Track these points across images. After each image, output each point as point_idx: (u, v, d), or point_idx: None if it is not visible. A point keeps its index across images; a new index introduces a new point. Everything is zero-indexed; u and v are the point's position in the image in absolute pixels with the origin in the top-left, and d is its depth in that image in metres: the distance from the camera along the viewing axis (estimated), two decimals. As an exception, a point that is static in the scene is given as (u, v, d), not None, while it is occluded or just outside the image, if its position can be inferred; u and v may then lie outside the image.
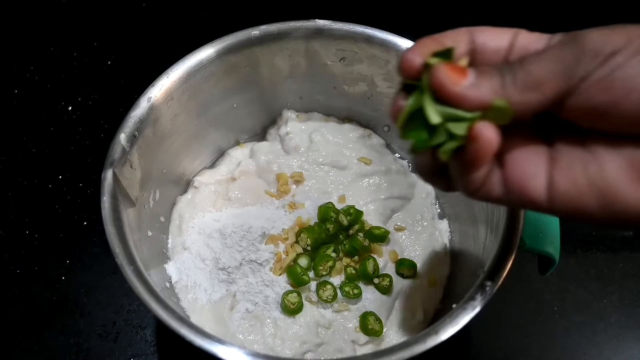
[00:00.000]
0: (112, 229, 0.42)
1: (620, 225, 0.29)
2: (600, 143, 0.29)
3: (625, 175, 0.28)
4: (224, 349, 0.37)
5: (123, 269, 0.40)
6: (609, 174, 0.28)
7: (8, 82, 0.73)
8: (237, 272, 0.52)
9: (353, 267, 0.52)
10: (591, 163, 0.28)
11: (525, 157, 0.30)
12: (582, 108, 0.28)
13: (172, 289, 0.51)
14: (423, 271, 0.53)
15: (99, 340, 0.55)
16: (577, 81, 0.27)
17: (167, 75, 0.49)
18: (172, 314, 0.38)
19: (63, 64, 0.75)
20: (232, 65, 0.53)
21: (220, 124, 0.58)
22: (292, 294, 0.50)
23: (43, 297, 0.57)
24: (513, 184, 0.30)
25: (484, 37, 0.31)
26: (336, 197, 0.56)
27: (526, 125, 0.30)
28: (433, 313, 0.52)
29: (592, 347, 0.55)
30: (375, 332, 0.49)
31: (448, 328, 0.38)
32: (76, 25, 0.79)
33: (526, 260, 0.46)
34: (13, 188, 0.64)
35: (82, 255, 0.60)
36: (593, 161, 0.28)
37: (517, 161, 0.30)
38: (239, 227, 0.53)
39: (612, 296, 0.58)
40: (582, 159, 0.29)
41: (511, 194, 0.30)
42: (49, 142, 0.67)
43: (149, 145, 0.49)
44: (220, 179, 0.58)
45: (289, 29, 0.52)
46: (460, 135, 0.28)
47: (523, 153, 0.30)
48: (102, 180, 0.44)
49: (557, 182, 0.29)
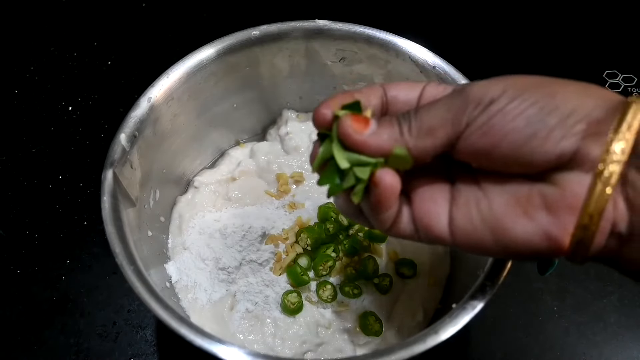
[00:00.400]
0: (112, 229, 0.42)
1: (515, 257, 0.32)
2: (490, 181, 0.32)
3: (510, 210, 0.30)
4: (224, 349, 0.37)
5: (123, 269, 0.40)
6: (497, 211, 0.31)
7: (8, 82, 0.73)
8: (237, 272, 0.52)
9: (353, 267, 0.52)
10: (482, 201, 0.31)
11: (429, 196, 0.33)
12: (469, 150, 0.30)
13: (172, 289, 0.51)
14: (423, 271, 0.53)
15: (99, 340, 0.55)
16: (463, 127, 0.30)
17: (167, 75, 0.49)
18: (172, 314, 0.38)
19: (63, 64, 0.75)
20: (232, 65, 0.53)
21: (220, 124, 0.58)
22: (292, 294, 0.50)
23: (43, 297, 0.57)
24: (419, 222, 0.33)
25: (395, 91, 0.35)
26: (336, 197, 0.56)
27: (432, 167, 0.33)
28: (433, 313, 0.52)
29: (591, 347, 0.55)
30: (375, 332, 0.49)
31: (448, 328, 0.38)
32: (76, 25, 0.79)
33: (526, 260, 0.46)
34: (13, 188, 0.64)
35: (82, 255, 0.60)
36: (484, 199, 0.31)
37: (422, 200, 0.33)
38: (239, 227, 0.53)
39: (612, 296, 0.58)
40: (476, 196, 0.32)
41: (419, 231, 0.33)
42: (49, 142, 0.67)
43: (149, 145, 0.49)
44: (220, 179, 0.58)
45: (289, 29, 0.52)
46: (364, 179, 0.31)
47: (428, 193, 0.33)
48: (102, 180, 0.44)
49: (456, 219, 0.32)
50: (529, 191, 0.30)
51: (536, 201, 0.29)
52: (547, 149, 0.28)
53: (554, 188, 0.29)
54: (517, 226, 0.30)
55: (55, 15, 0.80)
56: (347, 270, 0.52)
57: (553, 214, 0.29)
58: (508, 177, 0.31)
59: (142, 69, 0.73)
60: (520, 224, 0.30)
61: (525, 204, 0.30)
